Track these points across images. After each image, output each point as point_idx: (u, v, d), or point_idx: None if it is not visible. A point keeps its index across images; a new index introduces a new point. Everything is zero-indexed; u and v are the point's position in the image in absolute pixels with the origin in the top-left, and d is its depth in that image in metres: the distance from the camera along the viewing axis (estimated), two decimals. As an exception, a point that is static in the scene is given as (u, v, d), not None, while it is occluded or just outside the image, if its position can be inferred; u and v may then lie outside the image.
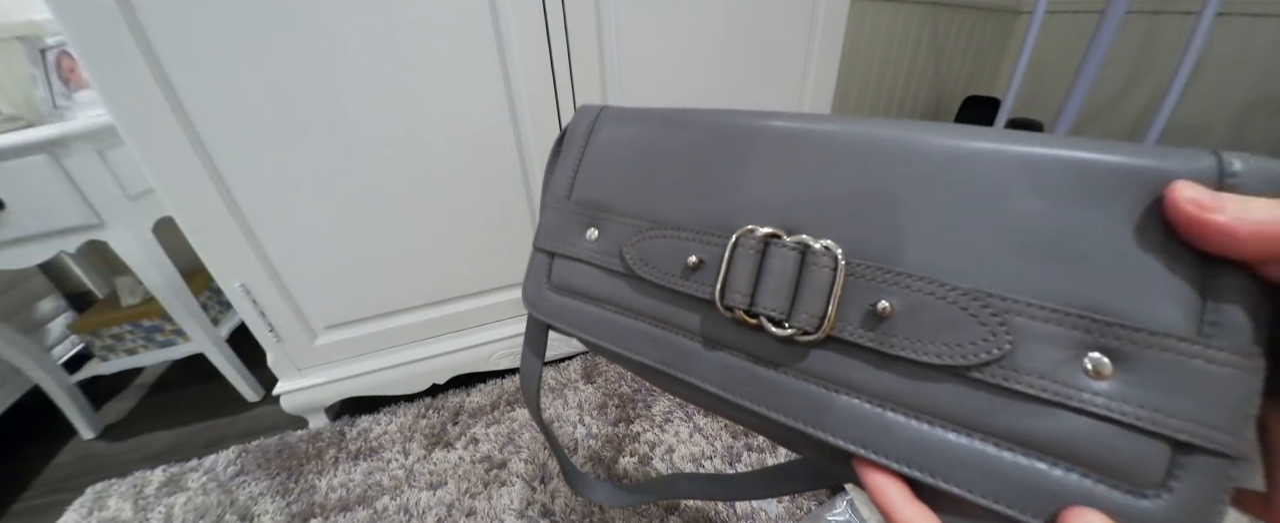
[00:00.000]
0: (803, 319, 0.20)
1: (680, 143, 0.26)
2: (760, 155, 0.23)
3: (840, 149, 0.21)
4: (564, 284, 0.30)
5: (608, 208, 0.28)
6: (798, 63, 0.78)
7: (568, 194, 0.30)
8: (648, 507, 0.64)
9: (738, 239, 0.22)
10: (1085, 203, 0.16)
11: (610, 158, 0.29)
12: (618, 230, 0.27)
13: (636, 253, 0.26)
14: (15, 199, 0.63)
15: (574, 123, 0.31)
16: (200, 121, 0.54)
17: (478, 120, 0.64)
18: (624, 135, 0.29)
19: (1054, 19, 1.58)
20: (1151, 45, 1.37)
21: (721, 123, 0.25)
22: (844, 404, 0.19)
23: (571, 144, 0.31)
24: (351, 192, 0.63)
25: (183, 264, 0.80)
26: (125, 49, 0.48)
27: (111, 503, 0.70)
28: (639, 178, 0.27)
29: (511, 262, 0.77)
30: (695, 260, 0.23)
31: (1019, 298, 0.17)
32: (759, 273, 0.21)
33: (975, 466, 0.17)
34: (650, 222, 0.26)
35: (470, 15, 0.57)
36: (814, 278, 0.20)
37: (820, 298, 0.20)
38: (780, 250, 0.21)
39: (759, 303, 0.21)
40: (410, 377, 0.81)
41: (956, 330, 0.17)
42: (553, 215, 0.30)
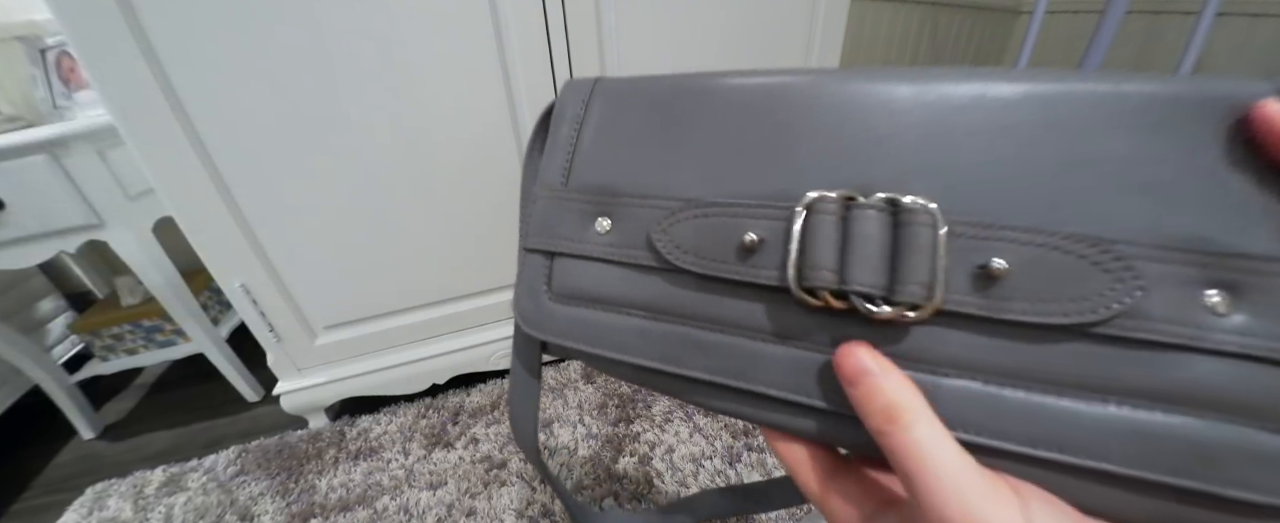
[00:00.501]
0: (910, 291, 0.16)
1: (704, 106, 0.21)
2: (809, 112, 0.19)
3: (903, 98, 0.18)
4: (571, 291, 0.23)
5: (621, 191, 0.22)
6: (798, 63, 0.78)
7: (564, 180, 0.24)
8: (647, 507, 0.64)
9: (811, 205, 0.18)
10: (1168, 136, 0.15)
11: (615, 134, 0.23)
12: (639, 216, 0.21)
13: (670, 239, 0.20)
14: (15, 199, 0.63)
15: (563, 98, 0.25)
16: (200, 121, 0.54)
17: (478, 120, 0.64)
18: (629, 107, 0.24)
19: (1054, 19, 1.58)
20: (1151, 45, 1.37)
21: (752, 80, 0.21)
22: (953, 389, 0.17)
23: (562, 122, 0.25)
24: (351, 191, 0.63)
25: (183, 264, 0.81)
26: (125, 49, 0.48)
27: (111, 503, 0.70)
28: (657, 151, 0.22)
29: (512, 262, 0.77)
30: (753, 239, 0.18)
31: (1136, 239, 0.15)
32: (843, 243, 0.17)
33: (1122, 434, 0.15)
34: (681, 200, 0.21)
35: (470, 14, 0.57)
36: (913, 239, 0.16)
37: (925, 263, 0.16)
38: (865, 212, 0.17)
39: (851, 279, 0.17)
40: (410, 377, 0.81)
41: (1082, 282, 0.15)
42: (546, 207, 0.24)
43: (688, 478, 0.67)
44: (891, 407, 0.15)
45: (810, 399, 0.18)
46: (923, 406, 0.15)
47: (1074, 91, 0.17)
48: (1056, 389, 0.16)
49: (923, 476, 0.14)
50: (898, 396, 0.15)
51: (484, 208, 0.71)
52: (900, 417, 0.15)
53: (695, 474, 0.67)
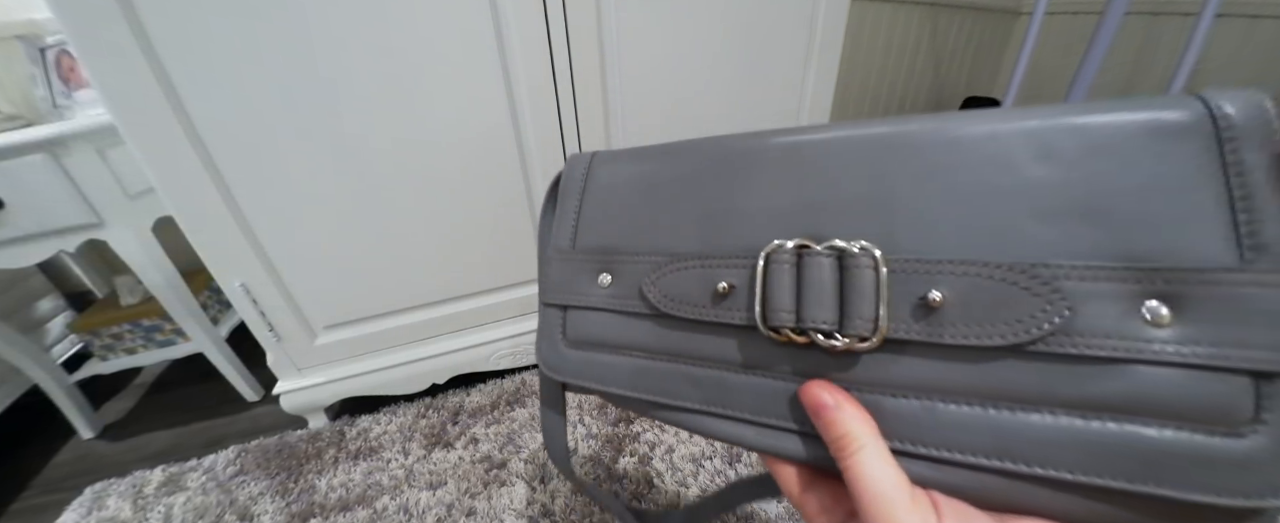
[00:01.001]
0: (857, 325, 0.19)
1: (682, 173, 0.25)
2: (768, 171, 0.22)
3: (848, 152, 0.21)
4: (582, 337, 0.28)
5: (618, 250, 0.27)
6: (798, 63, 0.79)
7: (572, 244, 0.29)
8: (647, 507, 0.64)
9: (769, 255, 0.21)
10: (1096, 161, 0.17)
11: (612, 201, 0.27)
12: (633, 271, 0.26)
13: (658, 290, 0.24)
14: (15, 198, 0.63)
15: (567, 173, 0.30)
16: (200, 121, 0.54)
17: (478, 120, 0.64)
18: (622, 176, 0.27)
19: (1054, 19, 1.58)
20: (1151, 46, 1.37)
21: (721, 146, 0.24)
22: (903, 408, 0.19)
23: (567, 194, 0.29)
24: (352, 191, 0.63)
25: (183, 264, 0.80)
26: (125, 48, 0.48)
27: (111, 503, 0.70)
28: (646, 215, 0.26)
29: (511, 262, 0.77)
30: (725, 286, 0.22)
31: (1063, 262, 0.16)
32: (799, 287, 0.20)
33: (1068, 443, 0.16)
34: (667, 256, 0.25)
35: (471, 15, 0.57)
36: (858, 281, 0.19)
37: (869, 300, 0.18)
38: (816, 259, 0.20)
39: (806, 317, 0.19)
40: (410, 377, 0.81)
41: (1012, 307, 0.17)
42: (558, 268, 0.29)
43: (688, 478, 0.67)
44: (844, 437, 0.18)
45: (781, 422, 0.21)
46: (869, 433, 0.18)
47: (1004, 131, 0.18)
48: (1002, 404, 0.17)
49: (861, 493, 0.17)
50: (849, 427, 0.18)
51: (484, 208, 0.71)
52: (849, 444, 0.18)
53: (695, 474, 0.67)
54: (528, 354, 0.86)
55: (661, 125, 0.74)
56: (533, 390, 0.85)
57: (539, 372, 0.30)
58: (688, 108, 0.74)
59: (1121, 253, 0.16)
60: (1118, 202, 0.16)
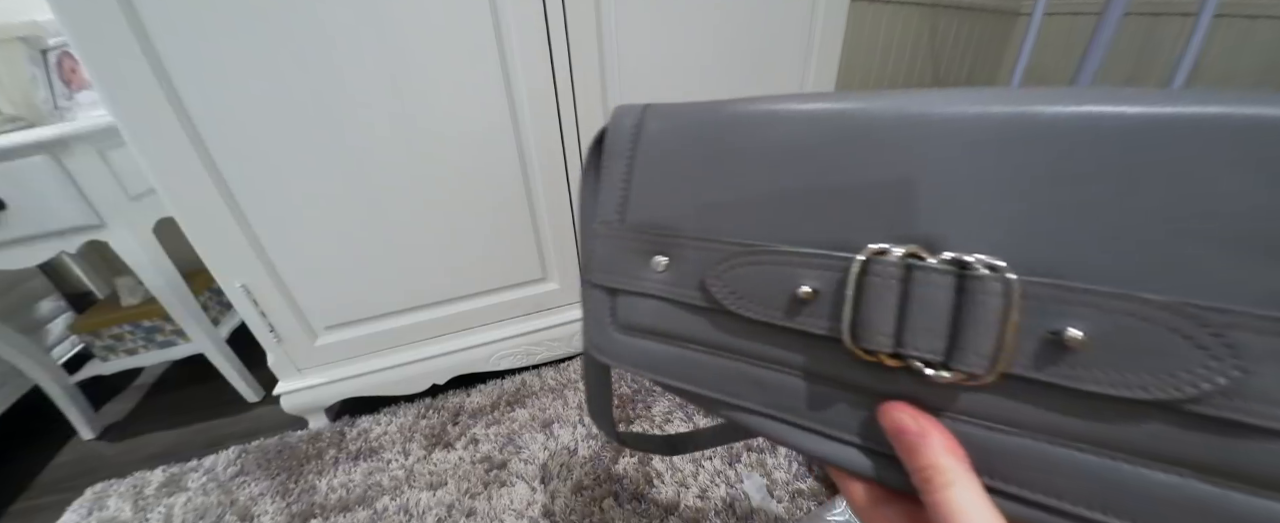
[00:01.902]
0: (971, 361, 0.15)
1: (754, 144, 0.20)
2: (871, 144, 0.18)
3: (978, 131, 0.16)
4: (633, 323, 0.24)
5: (676, 230, 0.23)
6: (798, 63, 0.79)
7: (620, 216, 0.24)
8: (647, 507, 0.64)
9: (866, 264, 0.17)
10: None
11: (669, 168, 0.23)
12: (694, 257, 0.22)
13: (725, 284, 0.21)
14: (16, 199, 0.63)
15: (613, 128, 0.25)
16: (201, 122, 0.54)
17: (478, 120, 0.64)
18: (681, 137, 0.23)
19: (1053, 20, 1.58)
20: (1151, 46, 1.37)
21: (802, 113, 0.19)
22: (1010, 445, 0.16)
23: (614, 155, 0.25)
24: (352, 192, 0.63)
25: (183, 264, 0.81)
26: (127, 49, 0.49)
27: (111, 503, 0.70)
28: (710, 187, 0.22)
29: (512, 262, 0.77)
30: (808, 291, 0.18)
31: (1241, 310, 0.13)
32: (903, 306, 0.16)
33: (1196, 511, 0.14)
34: (737, 244, 0.20)
35: (470, 15, 0.58)
36: (980, 308, 0.15)
37: (991, 334, 0.15)
38: (929, 276, 0.16)
39: (909, 344, 0.16)
40: (410, 377, 0.81)
41: (1168, 357, 0.13)
42: (605, 243, 0.25)
43: (688, 478, 0.67)
44: (930, 468, 0.15)
45: (853, 437, 0.18)
46: (961, 469, 0.15)
47: (1203, 118, 0.14)
48: (1124, 457, 0.14)
49: None
50: (936, 458, 0.15)
51: (485, 208, 0.71)
52: (936, 476, 0.15)
53: (695, 475, 0.67)
54: (527, 355, 0.86)
55: (661, 126, 0.74)
56: (533, 391, 0.85)
57: (583, 352, 0.27)
58: (687, 108, 0.74)
59: None
60: None
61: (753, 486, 0.66)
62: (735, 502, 0.64)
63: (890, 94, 0.18)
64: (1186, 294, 0.14)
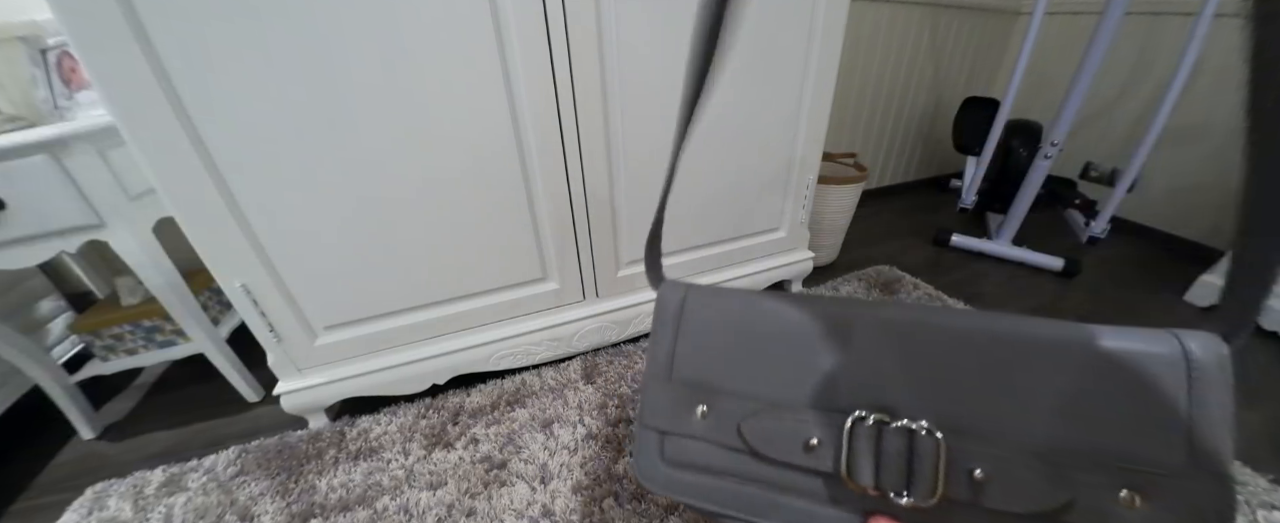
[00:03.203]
0: (920, 493, 0.25)
1: (773, 326, 0.29)
2: (851, 342, 0.27)
3: (923, 336, 0.26)
4: (681, 460, 0.32)
5: (714, 388, 0.30)
6: (798, 63, 0.79)
7: (669, 373, 0.32)
8: (647, 507, 0.64)
9: (852, 426, 0.26)
10: (1108, 379, 0.23)
11: (707, 339, 0.31)
12: (728, 409, 0.30)
13: (753, 431, 0.29)
14: (16, 199, 0.63)
15: (661, 301, 0.33)
16: (201, 122, 0.54)
17: (478, 121, 0.64)
18: (716, 317, 0.31)
19: (1054, 20, 1.58)
20: (1151, 46, 1.37)
21: (811, 310, 0.29)
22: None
23: (663, 323, 0.33)
24: (352, 192, 0.63)
25: (183, 264, 0.80)
26: (127, 49, 0.49)
27: (111, 503, 0.70)
28: (740, 358, 0.30)
29: (512, 263, 0.77)
30: (815, 442, 0.27)
31: (1073, 452, 0.23)
32: (877, 456, 0.26)
33: None
34: (760, 402, 0.29)
35: (472, 18, 0.58)
36: (923, 459, 0.25)
37: (931, 476, 0.25)
38: (892, 435, 0.26)
39: (883, 482, 0.26)
40: (410, 377, 0.81)
41: (1035, 485, 0.23)
42: (656, 392, 0.32)
43: (688, 478, 0.67)
44: None
45: None
46: None
47: (1060, 345, 0.24)
48: None
49: None
50: None
51: (484, 209, 0.71)
52: None
53: (695, 474, 0.67)
54: (527, 355, 0.87)
55: (661, 127, 0.74)
56: (533, 391, 0.85)
57: None
58: (687, 108, 0.74)
59: (1113, 452, 0.23)
60: (1122, 413, 0.23)
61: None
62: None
63: (868, 307, 0.28)
64: (1043, 442, 0.23)
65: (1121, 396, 0.23)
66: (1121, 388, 0.23)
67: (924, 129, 1.83)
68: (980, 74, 1.82)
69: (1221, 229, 1.31)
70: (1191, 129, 1.33)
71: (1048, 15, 1.54)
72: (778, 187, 0.93)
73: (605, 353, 0.92)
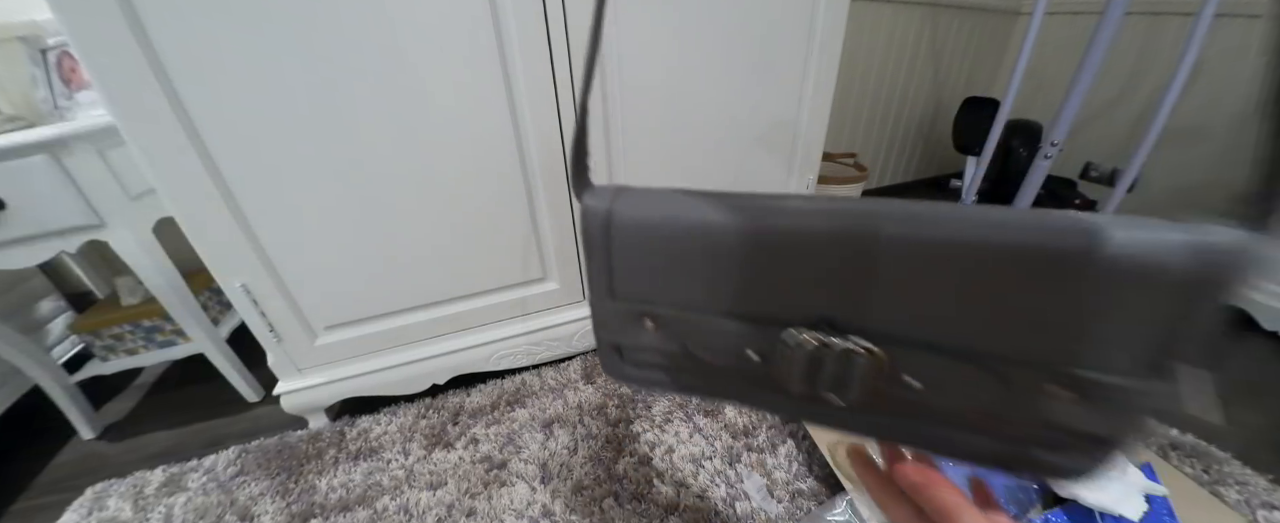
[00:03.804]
0: (853, 399, 0.26)
1: (708, 242, 0.28)
2: (793, 251, 0.26)
3: (856, 246, 0.24)
4: (641, 361, 0.34)
5: (655, 302, 0.31)
6: (798, 63, 0.79)
7: (610, 293, 0.32)
8: (647, 507, 0.64)
9: (788, 341, 0.27)
10: (1042, 283, 0.21)
11: (641, 257, 0.30)
12: (673, 324, 0.31)
13: (697, 344, 0.31)
14: (16, 199, 0.63)
15: (588, 215, 0.31)
16: (201, 122, 0.54)
17: (478, 121, 0.64)
18: (647, 235, 0.30)
19: (1054, 20, 1.58)
20: (1151, 46, 1.37)
21: (747, 218, 0.27)
22: (886, 423, 0.27)
23: (593, 241, 0.32)
24: (352, 192, 0.63)
25: (183, 264, 0.80)
26: (127, 49, 0.49)
27: (111, 503, 0.70)
28: (676, 274, 0.30)
29: (512, 262, 0.77)
30: (754, 355, 0.28)
31: (1007, 355, 0.23)
32: (810, 367, 0.27)
33: (973, 448, 0.26)
34: (702, 312, 0.30)
35: (471, 16, 0.58)
36: (858, 373, 0.25)
37: (865, 389, 0.26)
38: (829, 355, 0.26)
39: (818, 390, 0.27)
40: (410, 377, 0.81)
41: (967, 388, 0.24)
42: (602, 310, 0.33)
43: (687, 478, 0.67)
44: (944, 508, 0.25)
45: (789, 413, 0.34)
46: (963, 503, 0.24)
47: (993, 243, 0.22)
48: (949, 427, 0.26)
49: None
50: (947, 500, 0.25)
51: (484, 209, 0.71)
52: (950, 513, 0.24)
53: (695, 475, 0.67)
54: (527, 355, 0.87)
55: (661, 126, 0.74)
56: (533, 391, 0.85)
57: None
58: (687, 108, 0.74)
59: (1046, 352, 0.22)
60: (1057, 316, 0.21)
61: (753, 486, 0.66)
62: (735, 502, 0.64)
63: (801, 207, 0.26)
64: (975, 345, 0.23)
65: (1094, 300, 0.21)
66: (1096, 292, 0.20)
67: (924, 129, 1.83)
68: (980, 74, 1.82)
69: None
70: (1191, 129, 1.33)
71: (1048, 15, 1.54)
72: (777, 187, 0.93)
73: (605, 353, 0.92)
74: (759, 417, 0.76)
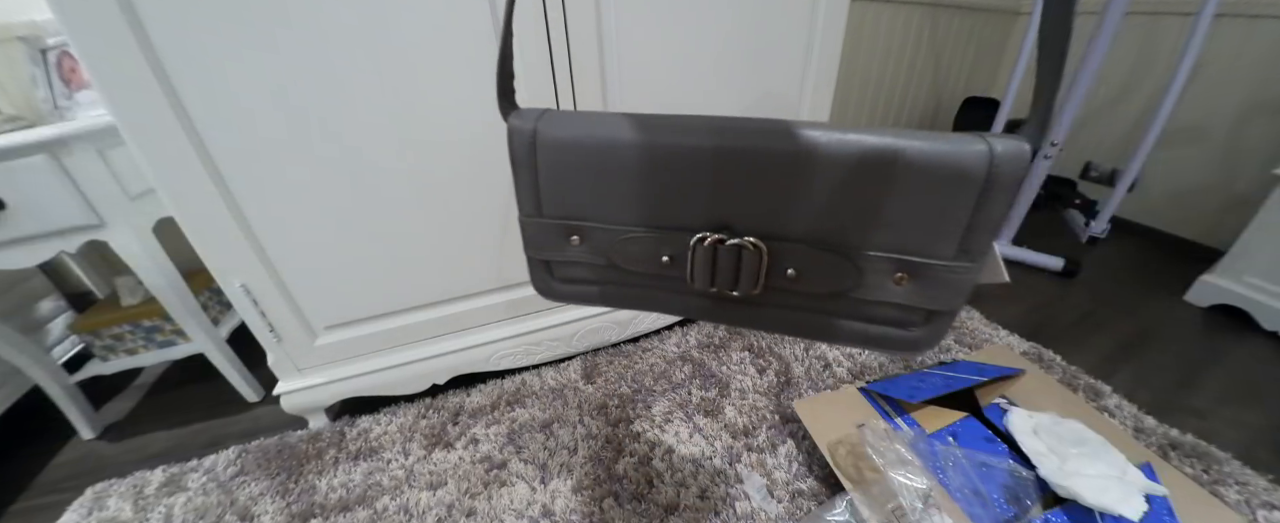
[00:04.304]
0: (745, 287, 0.33)
1: (625, 160, 0.32)
2: (696, 167, 0.31)
3: (755, 163, 0.30)
4: (567, 277, 0.38)
5: (581, 218, 0.35)
6: (798, 63, 0.79)
7: (538, 211, 0.36)
8: (647, 507, 0.64)
9: (694, 246, 0.32)
10: (915, 185, 0.27)
11: (566, 176, 0.34)
12: (597, 237, 0.35)
13: (619, 253, 0.35)
14: (16, 199, 0.63)
15: (514, 136, 0.34)
16: (201, 121, 0.54)
17: (478, 121, 0.64)
18: (570, 155, 0.33)
19: (1053, 20, 1.58)
20: (1151, 46, 1.37)
21: (656, 140, 0.31)
22: (772, 314, 0.35)
23: (520, 162, 0.35)
24: (352, 191, 0.63)
25: (183, 264, 0.80)
26: (126, 49, 0.49)
27: (111, 503, 0.70)
28: (599, 191, 0.34)
29: (511, 262, 0.77)
30: (667, 260, 0.34)
31: (865, 250, 0.29)
32: (713, 264, 0.32)
33: (840, 330, 0.33)
34: (621, 226, 0.34)
35: (470, 16, 0.58)
36: (747, 265, 0.32)
37: (753, 278, 0.32)
38: (725, 251, 0.32)
39: (717, 285, 0.33)
40: (410, 377, 0.81)
41: (832, 275, 0.31)
42: (533, 229, 0.37)
43: (687, 478, 0.67)
44: None
45: (697, 312, 0.37)
46: None
47: (863, 155, 0.27)
48: (822, 314, 0.33)
49: None
50: None
51: (484, 208, 0.71)
52: None
53: (695, 475, 0.67)
54: (527, 355, 0.87)
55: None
56: (533, 391, 0.85)
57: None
58: (686, 109, 0.74)
59: (897, 246, 0.29)
60: (905, 216, 0.28)
61: (753, 486, 0.66)
62: (735, 502, 0.64)
63: (689, 129, 0.31)
64: (842, 241, 0.30)
65: (918, 200, 0.27)
66: (920, 193, 0.27)
67: (924, 129, 1.83)
68: (980, 74, 1.82)
69: (1222, 229, 1.31)
70: (1191, 129, 1.33)
71: (1048, 15, 1.54)
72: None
73: (605, 353, 0.92)
74: (759, 416, 0.76)
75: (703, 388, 0.83)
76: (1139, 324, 1.04)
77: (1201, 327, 1.02)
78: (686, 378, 0.85)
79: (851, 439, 0.64)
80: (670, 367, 0.88)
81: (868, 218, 0.28)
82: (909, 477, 0.55)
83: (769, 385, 0.83)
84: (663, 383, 0.84)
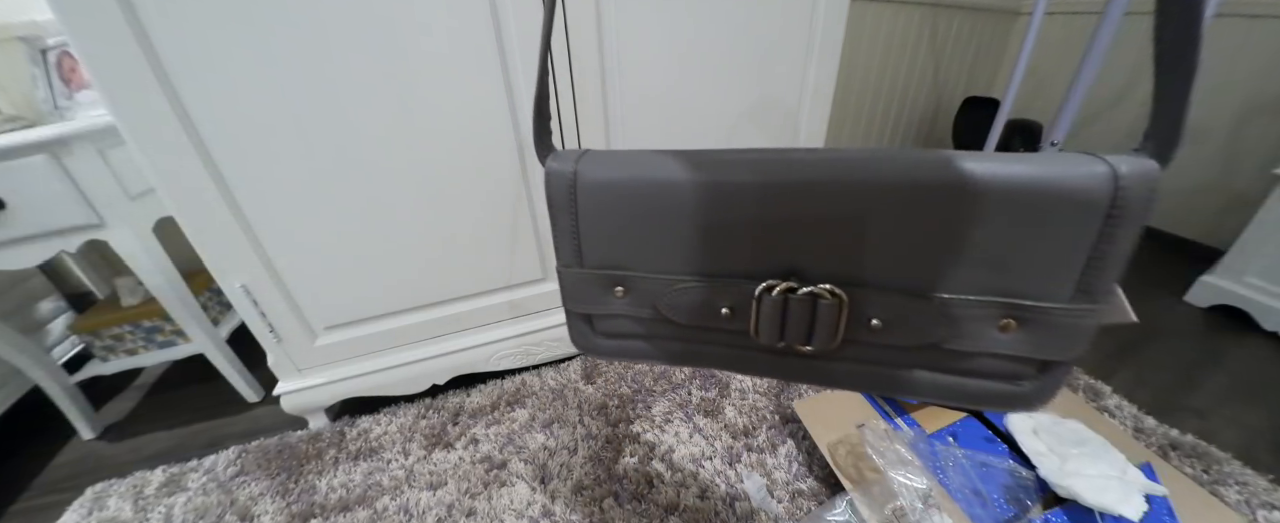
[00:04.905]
0: (822, 341, 0.28)
1: (674, 201, 0.28)
2: (756, 206, 0.27)
3: (825, 192, 0.26)
4: (610, 331, 0.34)
5: (626, 267, 0.31)
6: (798, 63, 0.79)
7: (578, 260, 0.32)
8: (647, 507, 0.64)
9: (759, 295, 0.28)
10: (1020, 218, 0.23)
11: (609, 221, 0.30)
12: (644, 287, 0.31)
13: (669, 304, 0.31)
14: (16, 199, 0.63)
15: (553, 180, 0.31)
16: (201, 121, 0.54)
17: (478, 121, 0.64)
18: (613, 197, 0.30)
19: (1053, 19, 1.58)
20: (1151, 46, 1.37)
21: (701, 172, 0.27)
22: (848, 369, 0.30)
23: (559, 210, 0.31)
24: (352, 192, 0.63)
25: (183, 264, 0.80)
26: (126, 49, 0.49)
27: (111, 503, 0.70)
28: (645, 236, 0.30)
29: (511, 262, 0.77)
30: (726, 311, 0.30)
31: (964, 294, 0.25)
32: (783, 316, 0.28)
33: (931, 385, 0.28)
34: (671, 273, 0.30)
35: (470, 16, 0.58)
36: (824, 317, 0.27)
37: (831, 331, 0.28)
38: (797, 302, 0.27)
39: (787, 339, 0.29)
40: (410, 377, 0.81)
41: (923, 324, 0.26)
42: (572, 280, 0.33)
43: (687, 478, 0.67)
44: None
45: (760, 373, 0.32)
46: None
47: (951, 190, 0.23)
48: (908, 367, 0.28)
49: None
50: None
51: (484, 209, 0.71)
52: None
53: (695, 475, 0.67)
54: (527, 355, 0.86)
55: (661, 125, 0.74)
56: (533, 391, 0.85)
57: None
58: (687, 108, 0.74)
59: (998, 289, 0.24)
60: (1011, 257, 0.24)
61: (753, 486, 0.66)
62: (735, 502, 0.64)
63: (763, 160, 0.27)
64: (931, 288, 0.25)
65: (1025, 233, 0.23)
66: (1026, 225, 0.23)
67: (924, 129, 1.83)
68: (980, 74, 1.82)
69: (1222, 229, 1.31)
70: (1191, 129, 1.33)
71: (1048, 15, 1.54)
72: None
73: (605, 353, 0.92)
74: (759, 416, 0.76)
75: (703, 388, 0.83)
76: (1139, 324, 1.04)
77: (1201, 327, 1.02)
78: (686, 378, 0.85)
79: (852, 439, 0.64)
80: (670, 367, 0.88)
81: (964, 256, 0.24)
82: (909, 477, 0.55)
83: (769, 385, 0.83)
84: (663, 383, 0.84)
